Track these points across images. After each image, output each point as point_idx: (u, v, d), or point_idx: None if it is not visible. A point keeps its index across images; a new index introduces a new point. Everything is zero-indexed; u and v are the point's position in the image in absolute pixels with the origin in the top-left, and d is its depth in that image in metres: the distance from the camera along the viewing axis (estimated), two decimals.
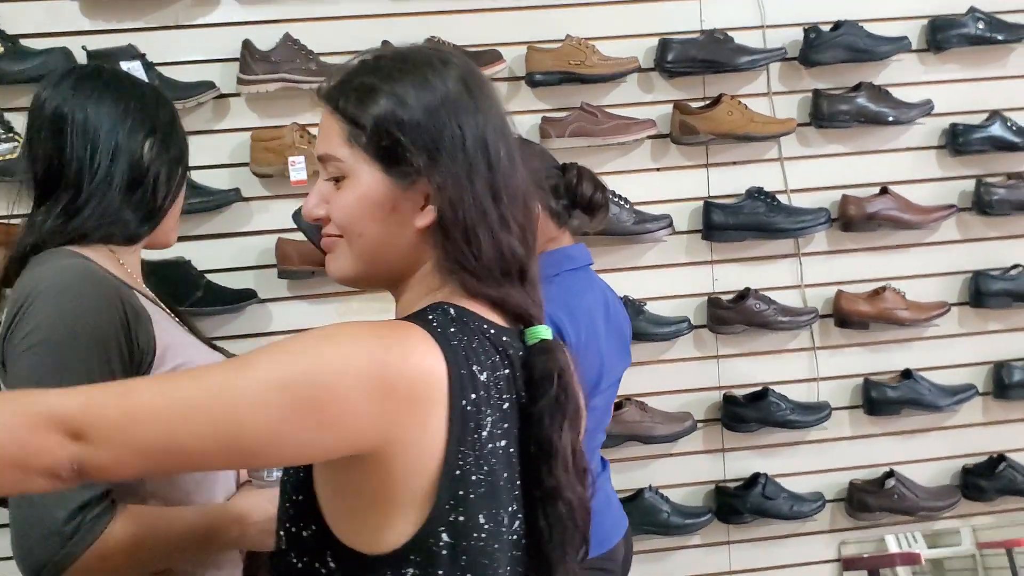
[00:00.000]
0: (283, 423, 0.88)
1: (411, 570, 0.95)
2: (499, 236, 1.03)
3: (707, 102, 2.72)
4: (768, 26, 2.76)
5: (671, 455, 2.79)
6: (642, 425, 2.66)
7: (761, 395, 2.76)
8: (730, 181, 2.78)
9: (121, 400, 0.88)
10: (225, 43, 2.57)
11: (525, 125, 2.66)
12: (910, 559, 3.01)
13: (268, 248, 2.62)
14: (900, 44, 2.74)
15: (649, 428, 2.66)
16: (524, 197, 1.07)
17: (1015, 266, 2.86)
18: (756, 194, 2.71)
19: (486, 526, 0.97)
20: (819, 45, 2.69)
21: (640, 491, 2.71)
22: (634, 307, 2.65)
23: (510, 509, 1.01)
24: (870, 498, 2.82)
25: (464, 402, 0.94)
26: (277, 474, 1.35)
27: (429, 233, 1.03)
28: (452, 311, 1.00)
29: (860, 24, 2.73)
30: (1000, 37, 2.77)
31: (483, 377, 0.97)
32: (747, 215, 2.70)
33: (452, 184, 1.01)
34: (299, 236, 2.62)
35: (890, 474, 2.84)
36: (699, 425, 2.76)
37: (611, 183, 2.22)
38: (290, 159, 2.52)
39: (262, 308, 2.65)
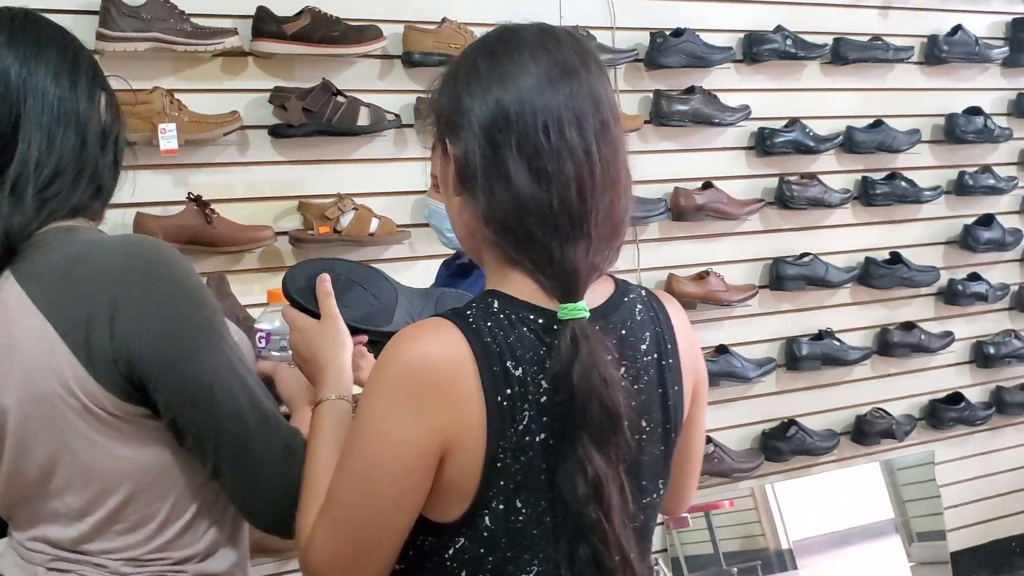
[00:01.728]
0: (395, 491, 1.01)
1: (462, 540, 1.04)
2: (523, 192, 1.01)
3: None
4: (617, 28, 2.95)
5: None
6: None
7: None
8: None
9: None
10: None
11: (398, 104, 2.66)
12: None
13: (121, 223, 2.39)
14: (728, 54, 3.06)
15: None
16: (585, 151, 1.03)
17: (805, 254, 3.29)
18: None
19: (524, 510, 1.02)
20: (665, 49, 2.93)
21: None
22: None
23: (550, 497, 1.03)
24: None
25: (499, 398, 0.99)
26: (273, 353, 1.35)
27: (466, 204, 1.07)
28: (496, 303, 1.03)
29: (696, 32, 3.00)
30: (801, 54, 3.18)
31: (519, 373, 1.00)
32: None
33: (465, 144, 1.04)
34: (161, 211, 2.44)
35: (708, 440, 3.15)
36: None
37: None
38: (160, 126, 2.32)
39: None
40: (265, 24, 2.44)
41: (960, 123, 3.51)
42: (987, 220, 3.62)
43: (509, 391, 0.99)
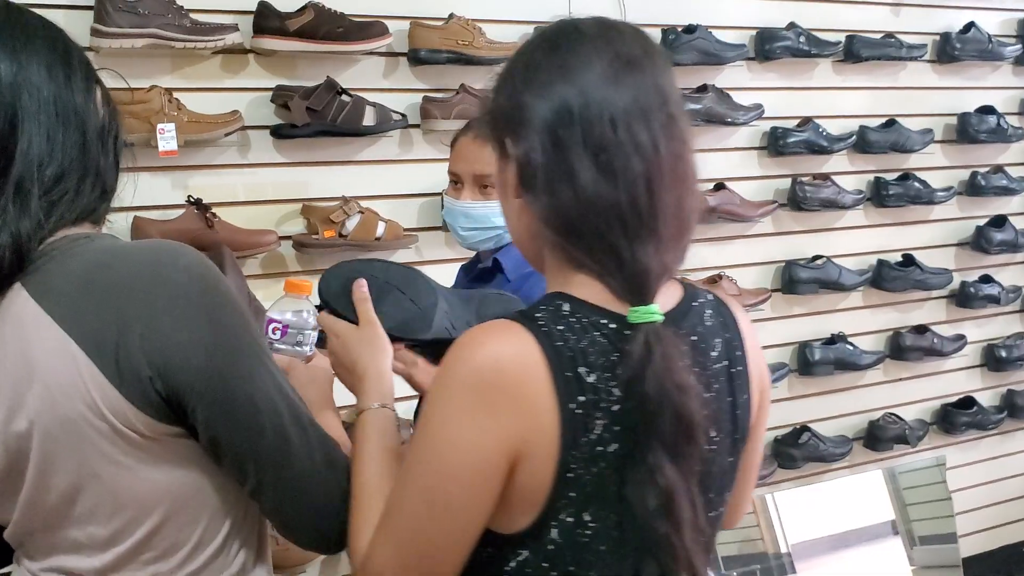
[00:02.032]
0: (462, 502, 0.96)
1: (526, 553, 0.99)
2: (589, 189, 0.96)
3: None
4: None
5: None
6: None
7: None
8: None
9: None
10: None
11: (405, 103, 2.57)
12: None
13: (120, 228, 2.29)
14: (741, 51, 2.98)
15: None
16: (652, 145, 0.97)
17: (818, 257, 3.22)
18: None
19: (592, 524, 0.97)
20: (677, 46, 2.85)
21: None
22: None
23: (620, 512, 0.97)
24: None
25: (572, 405, 0.94)
26: (286, 347, 1.28)
27: (528, 205, 1.01)
28: (566, 306, 0.98)
29: (709, 29, 2.92)
30: (814, 51, 3.10)
31: (591, 379, 0.95)
32: None
33: (527, 143, 1.00)
34: (159, 214, 2.35)
35: None
36: None
37: None
38: (159, 126, 2.23)
39: None
40: (267, 20, 2.35)
41: (973, 122, 3.44)
42: (999, 221, 3.56)
43: (582, 398, 0.94)
